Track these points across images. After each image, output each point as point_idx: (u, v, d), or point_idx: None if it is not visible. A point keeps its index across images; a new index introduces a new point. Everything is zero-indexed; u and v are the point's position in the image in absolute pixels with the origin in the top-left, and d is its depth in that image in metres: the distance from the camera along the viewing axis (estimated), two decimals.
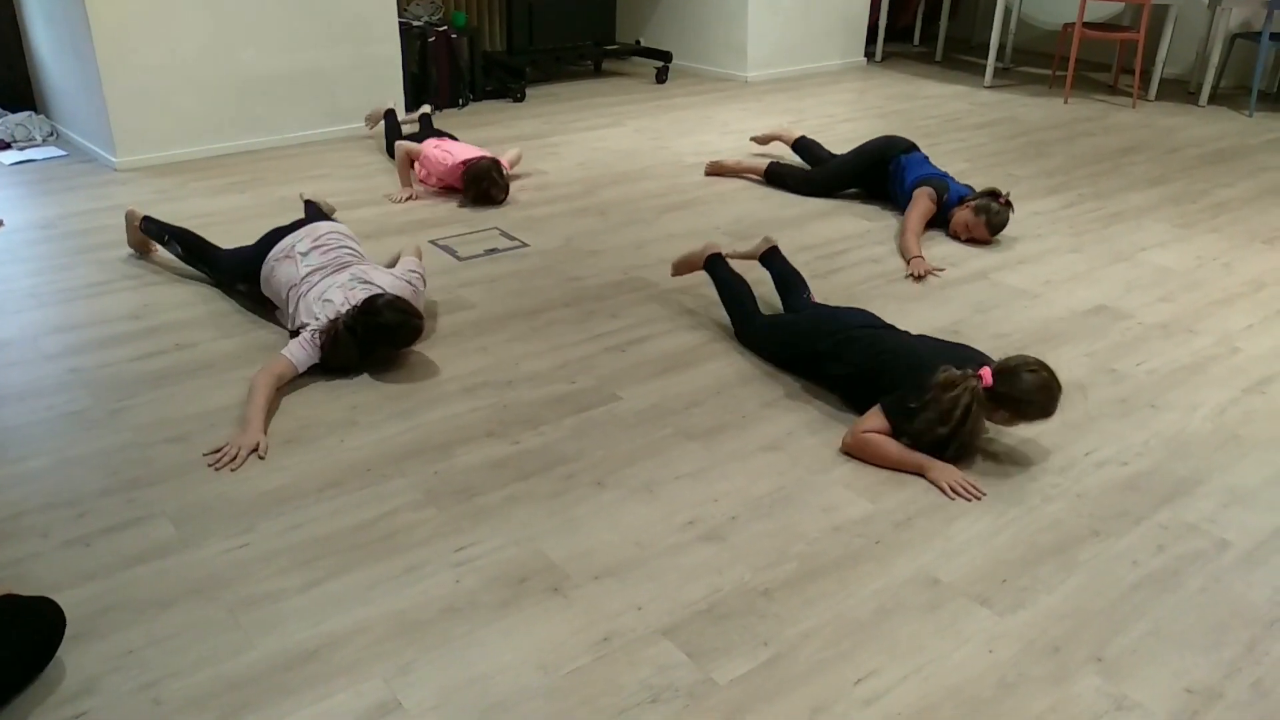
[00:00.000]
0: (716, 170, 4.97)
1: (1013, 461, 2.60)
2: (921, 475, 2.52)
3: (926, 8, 8.74)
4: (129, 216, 3.73)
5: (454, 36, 6.09)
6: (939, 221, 4.27)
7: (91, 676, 1.86)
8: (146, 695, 1.81)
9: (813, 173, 4.74)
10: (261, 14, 5.04)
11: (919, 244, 4.00)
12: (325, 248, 3.19)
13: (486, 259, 3.87)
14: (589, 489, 2.45)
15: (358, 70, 5.46)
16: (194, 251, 3.56)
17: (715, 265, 3.32)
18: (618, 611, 2.05)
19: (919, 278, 3.78)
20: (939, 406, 2.49)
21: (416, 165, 4.63)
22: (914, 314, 3.44)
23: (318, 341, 2.89)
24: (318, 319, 2.93)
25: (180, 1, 4.78)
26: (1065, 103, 6.70)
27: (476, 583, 2.12)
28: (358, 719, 1.78)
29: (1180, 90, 7.20)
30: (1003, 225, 4.12)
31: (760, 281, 3.42)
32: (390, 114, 5.22)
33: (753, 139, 5.16)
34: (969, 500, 2.44)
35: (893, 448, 2.56)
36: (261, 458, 2.56)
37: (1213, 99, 6.86)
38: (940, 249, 4.06)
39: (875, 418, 2.61)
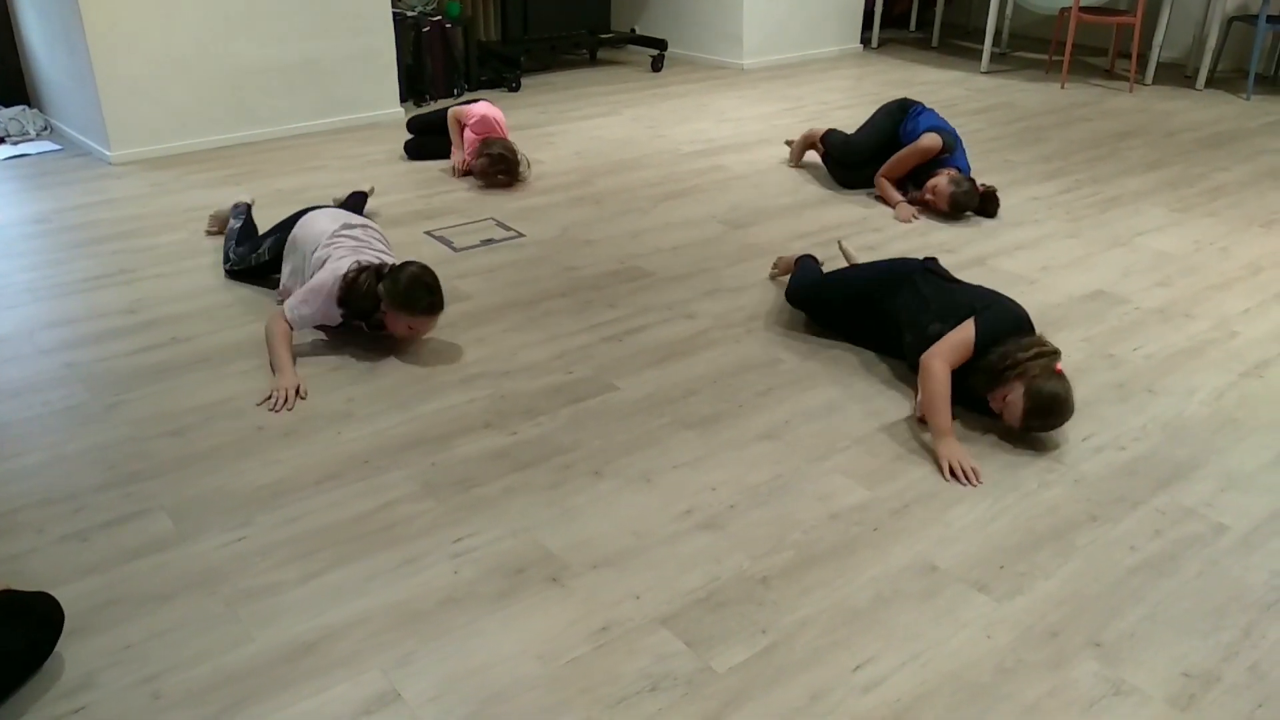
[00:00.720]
0: (796, 156, 4.95)
1: (1010, 447, 2.61)
2: (933, 447, 2.54)
3: None
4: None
5: (448, 26, 6.07)
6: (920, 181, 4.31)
7: (90, 671, 1.86)
8: (146, 689, 1.82)
9: (847, 153, 4.63)
10: (254, 5, 5.02)
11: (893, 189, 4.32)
12: (368, 234, 3.24)
13: (483, 249, 3.86)
14: (587, 479, 2.45)
15: (352, 61, 5.44)
16: (247, 228, 3.67)
17: (806, 259, 3.42)
18: (616, 601, 2.05)
19: (905, 221, 4.03)
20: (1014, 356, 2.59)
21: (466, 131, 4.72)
22: None
23: (336, 290, 2.93)
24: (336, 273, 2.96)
25: None
26: (1062, 88, 6.68)
27: (475, 573, 2.12)
28: (357, 711, 1.78)
29: (1177, 74, 7.18)
30: (966, 206, 4.14)
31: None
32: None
33: (788, 141, 5.13)
34: (964, 485, 2.45)
35: (941, 396, 2.58)
36: (303, 398, 2.77)
37: (1210, 82, 6.84)
38: (942, 235, 4.05)
39: (965, 328, 2.66)
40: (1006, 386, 2.57)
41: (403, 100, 5.77)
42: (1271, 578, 2.14)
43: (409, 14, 6.03)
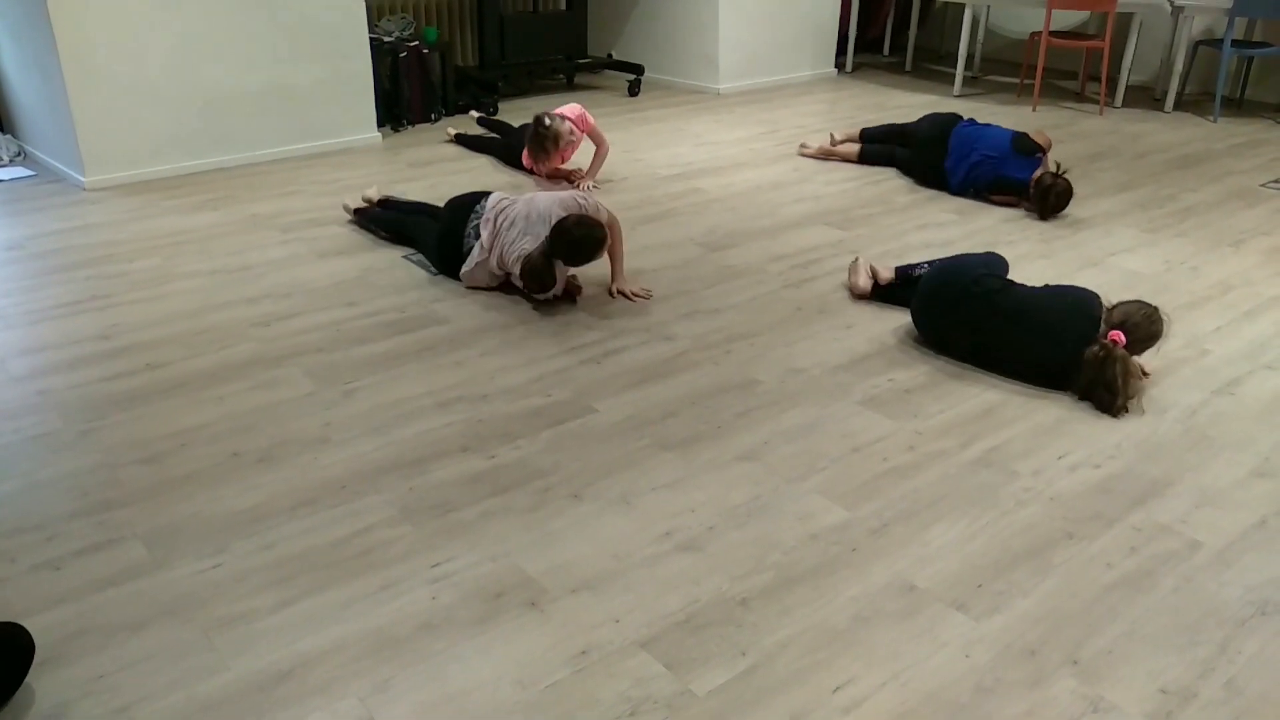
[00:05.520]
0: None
1: (986, 465, 2.62)
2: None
3: (895, 18, 8.81)
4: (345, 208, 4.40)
5: (425, 52, 6.09)
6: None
7: (62, 703, 1.83)
8: None
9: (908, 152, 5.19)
10: (230, 30, 5.02)
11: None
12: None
13: None
14: (565, 502, 2.45)
15: (328, 86, 5.44)
16: (391, 228, 4.15)
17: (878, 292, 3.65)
18: (595, 624, 2.04)
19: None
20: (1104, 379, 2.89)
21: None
22: (890, 322, 3.46)
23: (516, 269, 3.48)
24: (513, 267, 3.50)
25: (147, 18, 4.76)
26: (1034, 110, 6.77)
27: (453, 599, 2.11)
28: None
29: (1146, 97, 7.29)
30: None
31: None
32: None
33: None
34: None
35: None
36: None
37: (1178, 105, 6.95)
38: (917, 255, 4.09)
39: None
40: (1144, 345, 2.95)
41: (379, 125, 5.77)
42: (1246, 593, 2.16)
43: (386, 39, 6.05)
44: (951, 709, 1.84)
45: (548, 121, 4.71)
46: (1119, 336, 2.89)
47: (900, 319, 3.47)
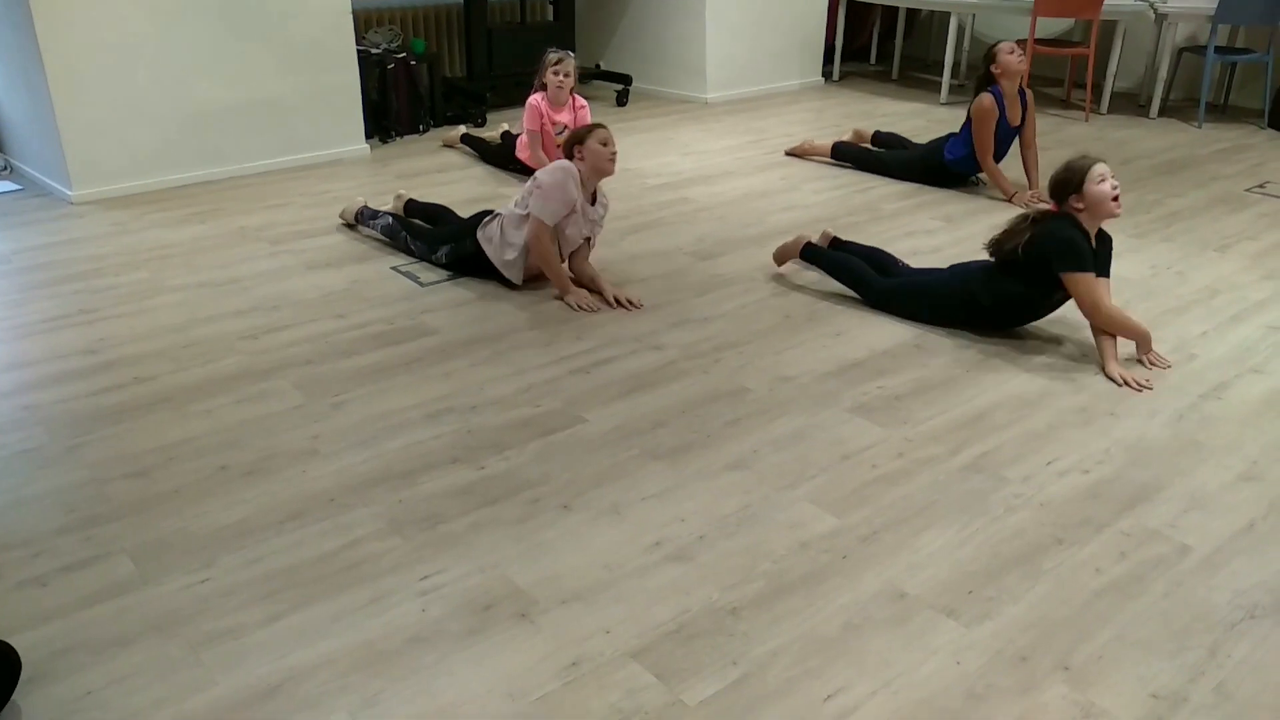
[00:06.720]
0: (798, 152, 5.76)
1: (976, 471, 2.62)
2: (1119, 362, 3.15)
3: (882, 27, 8.85)
4: (345, 210, 4.49)
5: (413, 63, 6.09)
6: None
7: None
8: None
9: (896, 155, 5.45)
10: (217, 43, 5.01)
11: (1001, 174, 5.02)
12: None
13: (449, 284, 3.85)
14: (555, 513, 2.44)
15: (316, 99, 5.44)
16: (402, 225, 4.18)
17: (809, 252, 3.83)
18: (586, 635, 2.03)
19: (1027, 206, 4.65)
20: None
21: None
22: (879, 328, 3.47)
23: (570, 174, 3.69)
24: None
25: (133, 32, 4.75)
26: None
27: (443, 611, 2.10)
28: None
29: (1131, 103, 7.34)
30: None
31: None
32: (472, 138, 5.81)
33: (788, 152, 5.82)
34: (1137, 390, 3.01)
35: (1126, 316, 3.23)
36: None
37: (1162, 111, 6.99)
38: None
39: (1084, 281, 3.13)
40: (1079, 191, 3.11)
41: (368, 137, 5.77)
42: (1235, 597, 2.16)
43: (374, 51, 6.05)
44: (943, 716, 1.84)
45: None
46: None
47: (891, 325, 3.48)
